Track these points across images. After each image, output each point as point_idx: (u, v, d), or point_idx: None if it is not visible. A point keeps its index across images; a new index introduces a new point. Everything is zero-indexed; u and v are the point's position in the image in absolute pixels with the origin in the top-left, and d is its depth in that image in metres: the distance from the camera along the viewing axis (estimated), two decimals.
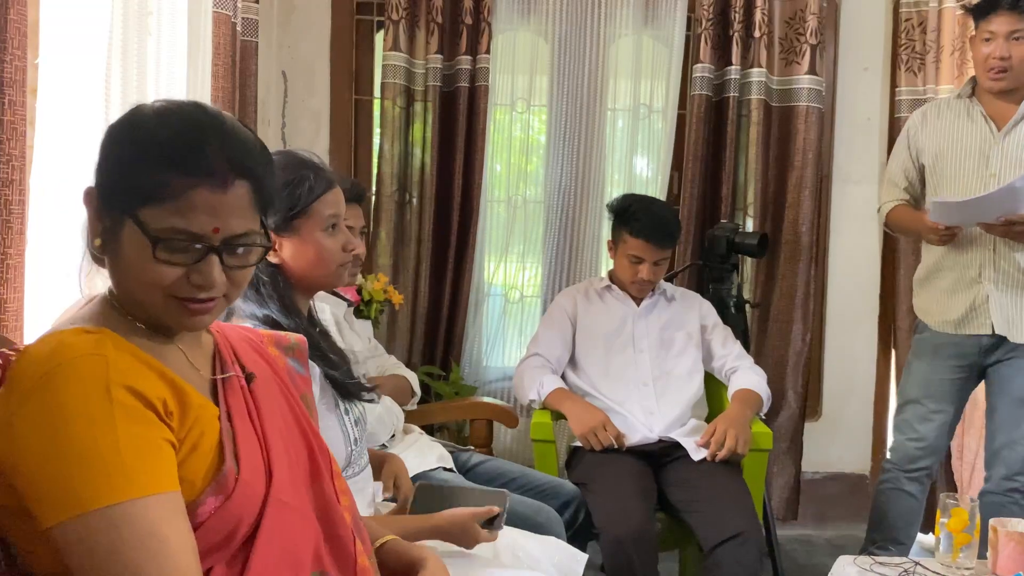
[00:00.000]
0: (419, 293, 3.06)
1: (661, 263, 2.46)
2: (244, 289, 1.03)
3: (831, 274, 3.27)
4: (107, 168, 0.97)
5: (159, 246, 0.93)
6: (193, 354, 1.04)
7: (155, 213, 0.93)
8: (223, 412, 1.01)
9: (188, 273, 0.95)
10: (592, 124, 3.14)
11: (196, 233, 0.94)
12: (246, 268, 1.00)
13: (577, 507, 2.09)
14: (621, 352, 2.45)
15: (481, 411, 2.42)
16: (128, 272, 0.96)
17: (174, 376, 0.97)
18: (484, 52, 2.98)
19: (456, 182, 3.02)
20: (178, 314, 0.97)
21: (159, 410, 0.92)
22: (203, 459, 0.95)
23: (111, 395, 0.88)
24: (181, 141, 0.95)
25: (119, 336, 0.95)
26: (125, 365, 0.92)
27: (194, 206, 0.93)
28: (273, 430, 1.06)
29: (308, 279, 1.51)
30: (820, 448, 3.26)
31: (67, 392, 0.87)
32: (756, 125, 3.07)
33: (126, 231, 0.94)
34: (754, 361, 2.53)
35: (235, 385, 1.06)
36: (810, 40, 3.07)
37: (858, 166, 3.24)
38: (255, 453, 1.01)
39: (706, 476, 2.16)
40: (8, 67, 1.22)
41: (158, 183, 0.93)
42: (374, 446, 2.02)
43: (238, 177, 0.96)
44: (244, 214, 0.98)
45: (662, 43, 3.14)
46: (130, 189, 0.94)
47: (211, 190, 0.94)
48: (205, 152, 0.94)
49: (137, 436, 0.88)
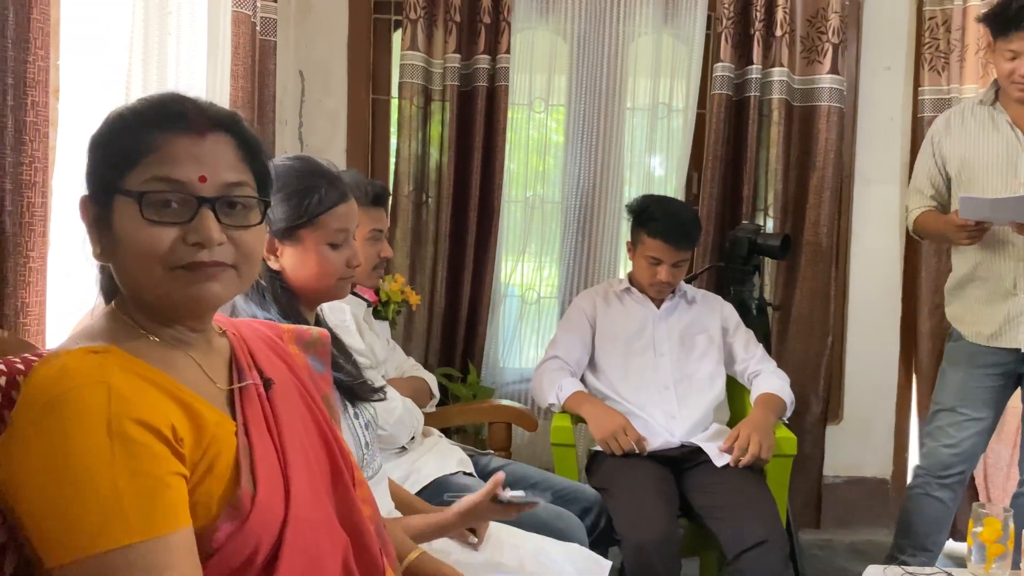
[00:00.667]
0: (436, 294, 3.04)
1: (680, 265, 2.43)
2: (256, 263, 0.98)
3: (852, 276, 3.23)
4: (91, 163, 0.95)
5: (145, 202, 0.89)
6: (208, 363, 1.00)
7: (137, 174, 0.90)
8: (240, 426, 0.97)
9: (183, 234, 0.91)
10: (610, 123, 3.11)
11: (180, 180, 0.90)
12: (248, 230, 0.95)
13: (598, 512, 2.07)
14: (641, 355, 2.42)
15: (500, 414, 2.39)
16: (126, 256, 0.92)
17: (187, 393, 0.93)
18: (503, 51, 2.95)
19: (474, 182, 2.99)
20: (185, 286, 0.92)
21: (168, 438, 0.87)
22: (219, 480, 0.92)
23: (112, 430, 0.84)
24: (156, 104, 0.94)
25: (126, 354, 0.91)
26: (131, 390, 0.87)
27: (174, 155, 0.90)
28: (293, 440, 1.03)
29: (306, 290, 1.48)
30: (841, 452, 3.23)
31: (69, 425, 0.84)
32: (777, 125, 3.03)
33: (116, 212, 0.91)
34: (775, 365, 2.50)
35: (252, 394, 1.02)
36: (832, 39, 3.03)
37: (880, 167, 3.20)
38: (273, 469, 0.97)
39: (729, 482, 2.13)
40: (31, 67, 1.20)
41: (135, 142, 0.91)
42: (393, 449, 2.01)
43: (216, 128, 0.94)
44: (231, 165, 0.94)
45: (682, 42, 3.11)
46: (111, 163, 0.91)
47: (189, 137, 0.91)
48: (181, 108, 0.93)
49: (139, 475, 0.84)
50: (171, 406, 0.90)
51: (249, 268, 0.98)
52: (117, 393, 0.86)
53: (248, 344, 1.08)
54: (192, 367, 0.98)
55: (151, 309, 0.96)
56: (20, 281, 1.20)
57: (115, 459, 0.83)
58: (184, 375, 0.96)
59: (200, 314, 0.99)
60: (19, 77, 1.17)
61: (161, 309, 0.95)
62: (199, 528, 0.88)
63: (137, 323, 0.96)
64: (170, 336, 0.97)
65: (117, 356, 0.90)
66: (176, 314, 0.96)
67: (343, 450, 1.12)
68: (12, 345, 1.09)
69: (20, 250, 1.20)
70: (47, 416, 0.84)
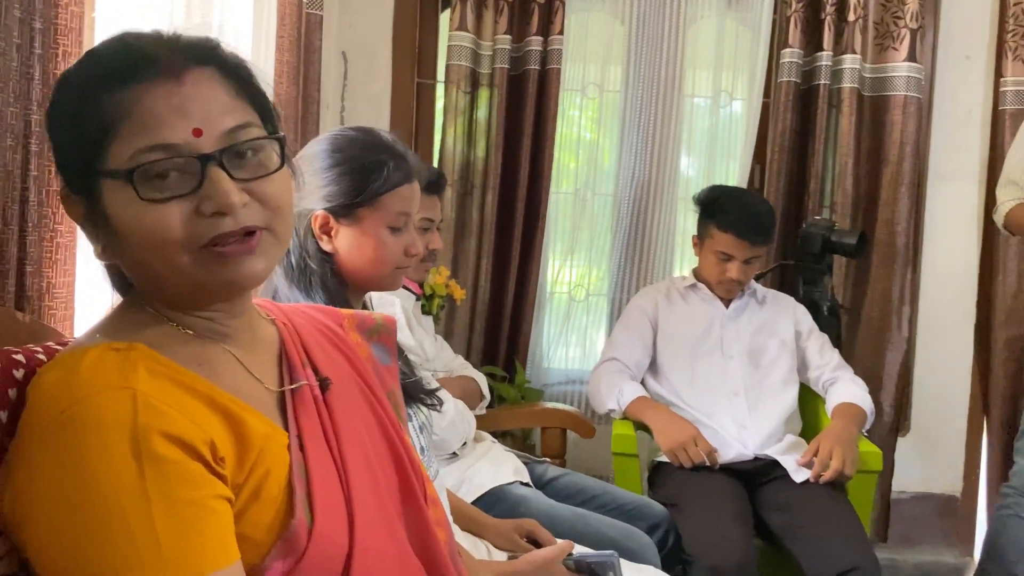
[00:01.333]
0: (479, 288, 2.88)
1: (752, 261, 2.25)
2: (288, 217, 0.81)
3: (924, 278, 3.02)
4: (57, 147, 0.78)
5: (138, 180, 0.72)
6: (252, 360, 0.83)
7: (117, 148, 0.73)
8: (293, 438, 0.80)
9: (196, 205, 0.74)
10: (668, 112, 2.93)
11: (172, 143, 0.73)
12: (269, 179, 0.78)
13: (666, 530, 1.89)
14: (708, 358, 2.24)
15: (554, 418, 2.22)
16: (136, 249, 0.75)
17: (228, 399, 0.76)
18: (557, 33, 2.78)
19: (522, 172, 2.83)
20: (218, 270, 0.75)
21: (206, 457, 0.71)
22: (268, 507, 0.75)
23: (140, 448, 0.67)
24: (110, 54, 0.76)
25: (154, 352, 0.74)
26: (162, 397, 0.71)
27: (153, 113, 0.73)
28: (355, 452, 0.86)
29: (359, 277, 1.33)
30: (908, 466, 3.02)
31: (85, 443, 0.67)
32: (847, 116, 2.84)
33: (107, 200, 0.74)
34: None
35: (307, 397, 0.85)
36: (910, 24, 2.83)
37: (956, 163, 2.99)
38: (333, 492, 0.81)
39: (810, 500, 1.94)
40: (63, 12, 1.05)
41: (100, 110, 0.73)
42: (445, 455, 1.84)
43: (193, 63, 0.75)
44: (226, 105, 0.76)
45: (746, 26, 2.92)
46: (81, 143, 0.74)
47: (164, 85, 0.73)
48: (142, 51, 0.75)
49: (176, 500, 0.68)
50: (209, 417, 0.74)
51: (284, 224, 0.80)
52: (144, 402, 0.69)
53: (301, 335, 0.91)
54: (233, 366, 0.81)
55: (177, 300, 0.79)
56: (46, 258, 1.04)
57: (145, 483, 0.67)
58: (224, 376, 0.79)
59: (238, 296, 0.82)
60: (48, 22, 1.02)
61: (191, 298, 0.79)
62: (244, 567, 0.72)
63: (164, 314, 0.79)
64: (206, 327, 0.80)
65: (143, 355, 0.73)
66: (210, 300, 0.80)
67: (414, 461, 0.95)
68: (35, 331, 0.94)
69: (46, 222, 1.05)
70: (59, 432, 0.68)
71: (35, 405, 0.71)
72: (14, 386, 0.77)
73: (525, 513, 1.67)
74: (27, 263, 1.01)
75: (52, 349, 0.86)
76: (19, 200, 1.00)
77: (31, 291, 1.03)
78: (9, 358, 0.79)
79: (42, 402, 0.70)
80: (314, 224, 1.29)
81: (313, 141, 1.34)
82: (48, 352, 0.84)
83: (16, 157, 1.00)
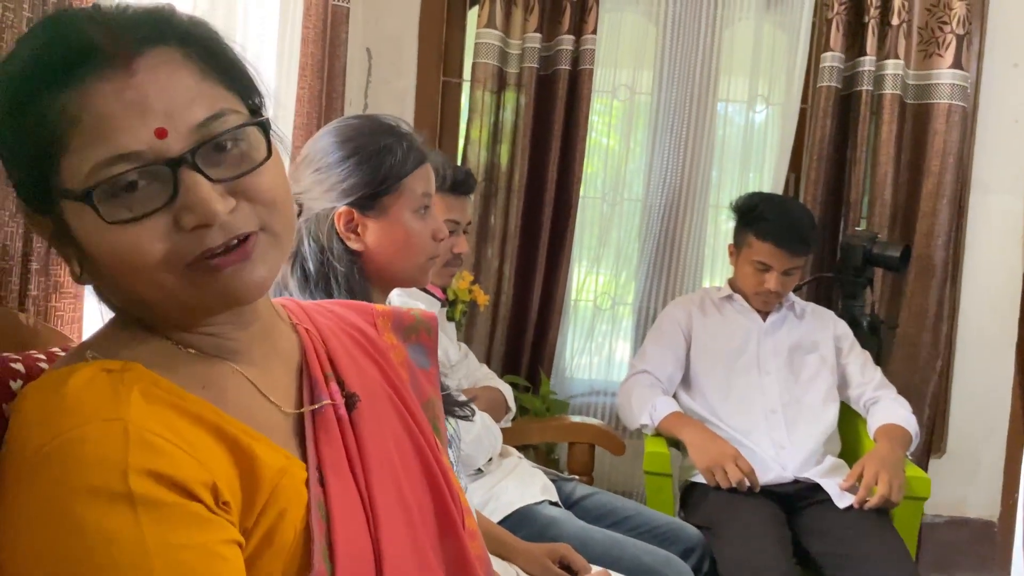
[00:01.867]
0: (502, 294, 2.79)
1: (792, 273, 2.15)
2: (287, 208, 0.68)
3: (964, 294, 2.91)
4: (5, 164, 0.66)
5: (98, 198, 0.60)
6: (266, 378, 0.72)
7: (72, 164, 0.61)
8: (312, 470, 0.69)
9: (175, 218, 0.62)
10: (702, 116, 2.83)
11: (133, 151, 0.60)
12: (257, 171, 0.65)
13: (701, 555, 1.79)
14: (744, 374, 2.14)
15: (584, 433, 2.12)
16: (115, 275, 0.64)
17: (237, 428, 0.65)
18: (590, 32, 2.69)
19: (550, 175, 2.74)
20: (211, 283, 0.64)
21: (207, 502, 0.61)
22: (280, 556, 0.65)
23: (133, 491, 0.57)
24: (43, 44, 0.62)
25: (152, 373, 0.64)
26: (159, 429, 0.60)
27: (105, 115, 0.60)
28: (384, 482, 0.75)
29: (390, 271, 1.24)
30: (943, 489, 2.89)
31: (71, 485, 0.57)
32: (888, 123, 2.73)
33: (70, 220, 0.63)
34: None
35: (330, 418, 0.74)
36: (956, 30, 2.72)
37: (1001, 174, 2.87)
38: (358, 534, 0.70)
39: (855, 527, 1.83)
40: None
41: (41, 118, 0.60)
42: (470, 470, 1.75)
43: (146, 45, 0.62)
44: (193, 92, 0.63)
45: (783, 29, 2.83)
46: (26, 158, 0.62)
47: (113, 80, 0.60)
48: (81, 37, 0.61)
49: (180, 548, 0.58)
50: (214, 450, 0.63)
51: (282, 220, 0.67)
52: (138, 436, 0.59)
53: (326, 341, 0.80)
54: (243, 387, 0.70)
55: (175, 320, 0.68)
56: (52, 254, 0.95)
57: (141, 531, 0.57)
58: (232, 400, 0.68)
59: (243, 306, 0.70)
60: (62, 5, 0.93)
61: (191, 316, 0.68)
62: None
63: (162, 332, 0.68)
64: (210, 344, 0.69)
65: (139, 377, 0.63)
66: (209, 316, 0.68)
67: (452, 488, 0.83)
68: (39, 334, 0.85)
69: None
70: (39, 470, 0.58)
71: (16, 435, 0.61)
72: (10, 400, 0.68)
73: (556, 535, 1.57)
74: (32, 260, 0.92)
75: (56, 356, 0.77)
76: None
77: (36, 290, 0.94)
78: (6, 366, 0.69)
79: (23, 433, 0.60)
80: (338, 223, 1.19)
81: (315, 137, 1.25)
82: (52, 359, 0.75)
83: None
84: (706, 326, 2.21)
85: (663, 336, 2.23)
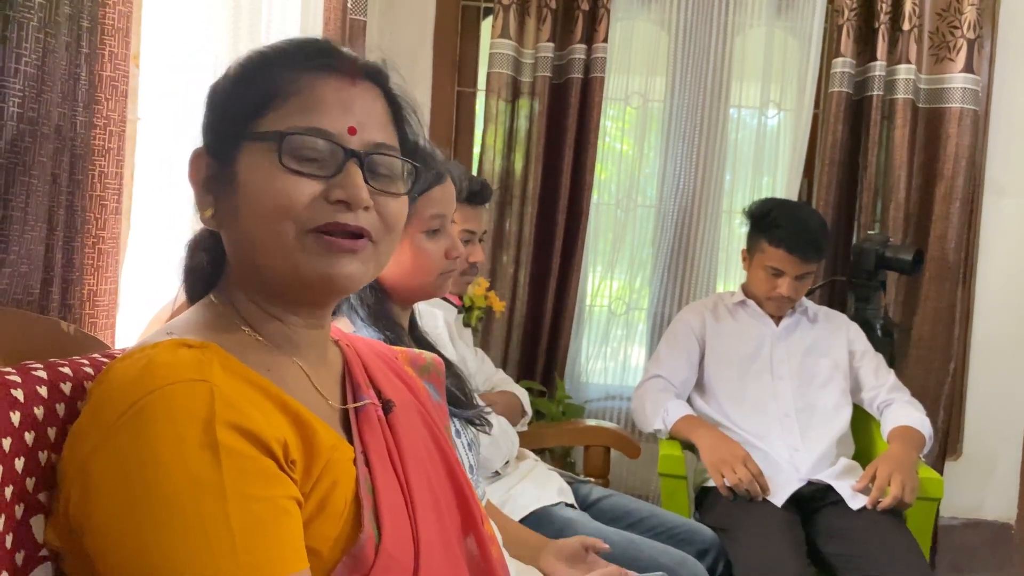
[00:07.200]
0: (517, 300, 2.82)
1: (804, 278, 2.17)
2: (395, 243, 0.82)
3: (978, 297, 2.92)
4: (215, 110, 0.79)
5: (286, 146, 0.74)
6: (318, 375, 0.81)
7: (275, 117, 0.76)
8: (359, 453, 0.77)
9: (326, 190, 0.75)
10: (714, 122, 2.86)
11: (328, 130, 0.76)
12: (396, 198, 0.80)
13: (715, 556, 1.81)
14: (757, 379, 2.16)
15: (599, 436, 2.15)
16: (252, 215, 0.75)
17: (298, 407, 0.73)
18: (601, 40, 2.73)
19: (563, 183, 2.78)
20: (317, 256, 0.75)
21: (279, 457, 0.68)
22: (334, 521, 0.72)
23: (218, 440, 0.64)
24: (302, 43, 0.82)
25: (228, 354, 0.72)
26: (237, 394, 0.68)
27: (321, 99, 0.77)
28: (419, 475, 0.83)
29: (403, 288, 1.29)
30: (959, 491, 2.90)
31: (160, 434, 0.64)
32: (900, 128, 2.75)
33: (243, 163, 0.76)
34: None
35: (371, 416, 0.83)
36: (967, 34, 2.74)
37: (1014, 177, 2.89)
38: (399, 511, 0.77)
39: (868, 529, 1.84)
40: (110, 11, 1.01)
41: (275, 82, 0.77)
42: (487, 473, 1.78)
43: (367, 77, 0.81)
44: (381, 122, 0.81)
45: (794, 36, 2.85)
46: (243, 107, 0.77)
47: (338, 81, 0.78)
48: (330, 48, 0.81)
49: (253, 499, 0.64)
50: (281, 419, 0.71)
51: (389, 246, 0.81)
52: (221, 395, 0.66)
53: (364, 360, 0.90)
54: (300, 378, 0.79)
55: (266, 290, 0.77)
56: (88, 265, 1.00)
57: (222, 477, 0.63)
58: (292, 386, 0.76)
59: (326, 299, 0.80)
60: (94, 20, 0.97)
61: (281, 288, 0.77)
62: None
63: (241, 314, 0.78)
64: (280, 335, 0.79)
65: (217, 354, 0.71)
66: (299, 296, 0.78)
67: (473, 495, 0.92)
68: (80, 342, 0.89)
69: (89, 228, 1.00)
70: (131, 422, 0.64)
71: (104, 396, 0.67)
72: (62, 401, 0.73)
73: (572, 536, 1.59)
74: (71, 270, 0.96)
75: (99, 362, 0.81)
76: (64, 205, 0.96)
77: (72, 299, 0.98)
78: (56, 371, 0.74)
79: (111, 393, 0.67)
80: None
81: None
82: (95, 365, 0.80)
83: (63, 160, 0.95)
84: (719, 331, 2.23)
85: (677, 341, 2.25)
